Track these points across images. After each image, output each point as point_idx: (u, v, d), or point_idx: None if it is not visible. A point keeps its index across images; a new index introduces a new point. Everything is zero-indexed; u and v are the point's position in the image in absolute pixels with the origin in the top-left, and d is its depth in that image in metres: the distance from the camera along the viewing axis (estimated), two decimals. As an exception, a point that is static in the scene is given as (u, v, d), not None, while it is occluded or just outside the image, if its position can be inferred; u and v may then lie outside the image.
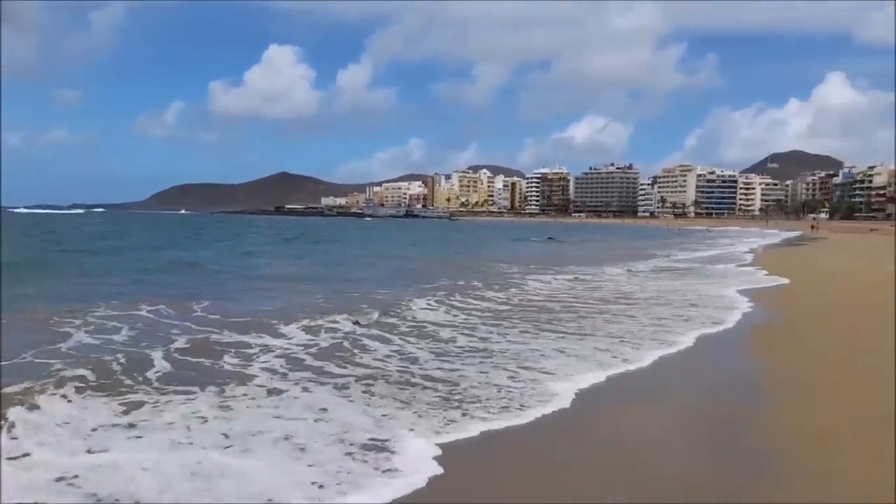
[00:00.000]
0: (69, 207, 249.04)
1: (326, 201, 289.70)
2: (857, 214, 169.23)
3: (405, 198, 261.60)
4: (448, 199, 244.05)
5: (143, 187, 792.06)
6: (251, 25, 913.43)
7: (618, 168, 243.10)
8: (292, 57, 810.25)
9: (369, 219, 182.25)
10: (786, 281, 21.90)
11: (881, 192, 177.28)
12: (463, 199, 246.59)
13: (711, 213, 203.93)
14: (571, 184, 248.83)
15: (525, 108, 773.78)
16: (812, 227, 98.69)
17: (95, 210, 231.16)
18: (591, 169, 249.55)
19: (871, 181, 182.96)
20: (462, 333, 11.63)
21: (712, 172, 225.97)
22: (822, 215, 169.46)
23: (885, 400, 7.38)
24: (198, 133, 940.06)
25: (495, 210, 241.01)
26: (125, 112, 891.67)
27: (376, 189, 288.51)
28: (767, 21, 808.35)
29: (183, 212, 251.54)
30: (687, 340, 11.20)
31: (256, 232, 68.22)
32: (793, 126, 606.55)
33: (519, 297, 17.05)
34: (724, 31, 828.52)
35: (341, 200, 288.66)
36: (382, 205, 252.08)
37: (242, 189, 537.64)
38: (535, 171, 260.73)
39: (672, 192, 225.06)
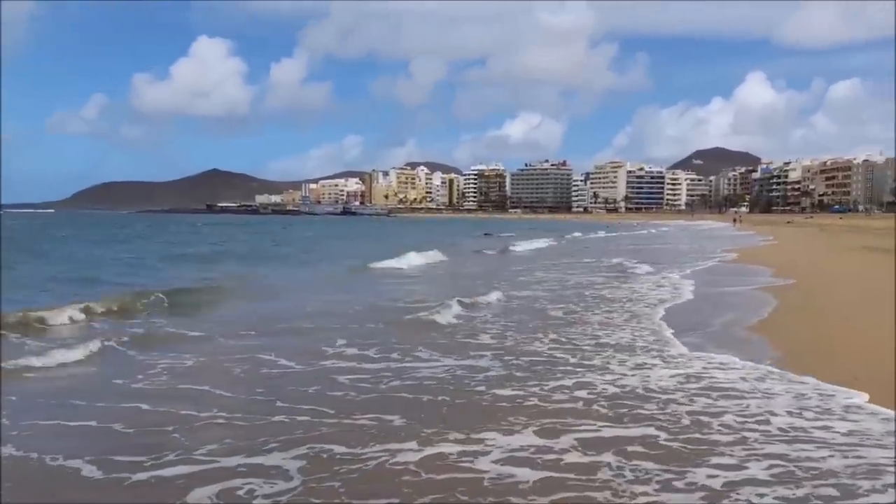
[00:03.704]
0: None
1: (261, 199, 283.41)
2: (775, 208, 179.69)
3: (342, 195, 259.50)
4: (386, 196, 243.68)
5: (64, 186, 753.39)
6: (177, 16, 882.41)
7: (552, 165, 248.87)
8: (223, 50, 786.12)
9: (317, 216, 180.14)
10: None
11: (796, 186, 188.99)
12: (401, 196, 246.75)
13: (641, 208, 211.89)
14: (508, 180, 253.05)
15: (462, 105, 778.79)
16: (734, 221, 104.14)
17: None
18: (526, 166, 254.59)
19: (786, 176, 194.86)
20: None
21: (641, 169, 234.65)
22: (743, 209, 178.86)
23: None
24: (121, 129, 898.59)
25: (433, 206, 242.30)
26: (40, 106, 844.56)
27: (312, 186, 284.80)
28: (694, 23, 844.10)
29: (127, 213, 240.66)
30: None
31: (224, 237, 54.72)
32: (715, 124, 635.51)
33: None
34: (654, 32, 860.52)
35: (276, 198, 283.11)
36: (319, 202, 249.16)
37: (170, 187, 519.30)
38: (473, 167, 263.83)
39: (604, 187, 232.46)
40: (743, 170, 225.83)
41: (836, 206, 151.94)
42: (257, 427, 6.57)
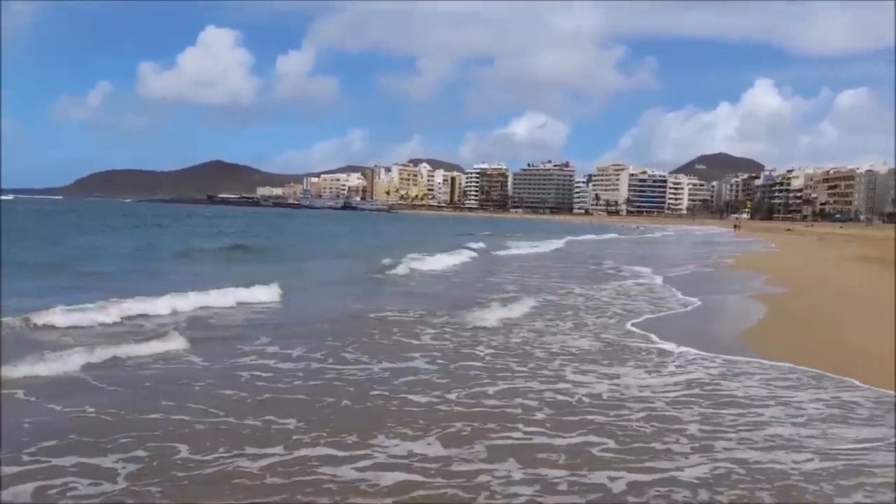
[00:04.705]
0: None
1: (262, 191, 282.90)
2: (776, 215, 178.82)
3: (344, 189, 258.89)
4: (387, 192, 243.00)
5: (65, 173, 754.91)
6: (185, 5, 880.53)
7: (555, 165, 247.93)
8: (230, 40, 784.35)
9: (317, 210, 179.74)
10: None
11: (798, 194, 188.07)
12: (402, 192, 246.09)
13: (642, 212, 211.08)
14: (510, 180, 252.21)
15: (467, 103, 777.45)
16: (735, 227, 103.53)
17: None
18: (529, 165, 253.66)
19: (789, 184, 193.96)
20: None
21: (644, 172, 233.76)
22: (744, 215, 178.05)
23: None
24: (125, 117, 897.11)
25: (434, 204, 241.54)
26: (45, 93, 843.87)
27: (314, 180, 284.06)
28: (704, 27, 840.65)
29: (129, 201, 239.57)
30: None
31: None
32: (721, 129, 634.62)
33: None
34: (663, 35, 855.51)
35: (278, 191, 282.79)
36: (320, 196, 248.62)
37: (173, 176, 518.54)
38: (475, 166, 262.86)
39: (606, 190, 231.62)
40: (746, 176, 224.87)
41: (838, 216, 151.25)
42: (121, 422, 6.10)
